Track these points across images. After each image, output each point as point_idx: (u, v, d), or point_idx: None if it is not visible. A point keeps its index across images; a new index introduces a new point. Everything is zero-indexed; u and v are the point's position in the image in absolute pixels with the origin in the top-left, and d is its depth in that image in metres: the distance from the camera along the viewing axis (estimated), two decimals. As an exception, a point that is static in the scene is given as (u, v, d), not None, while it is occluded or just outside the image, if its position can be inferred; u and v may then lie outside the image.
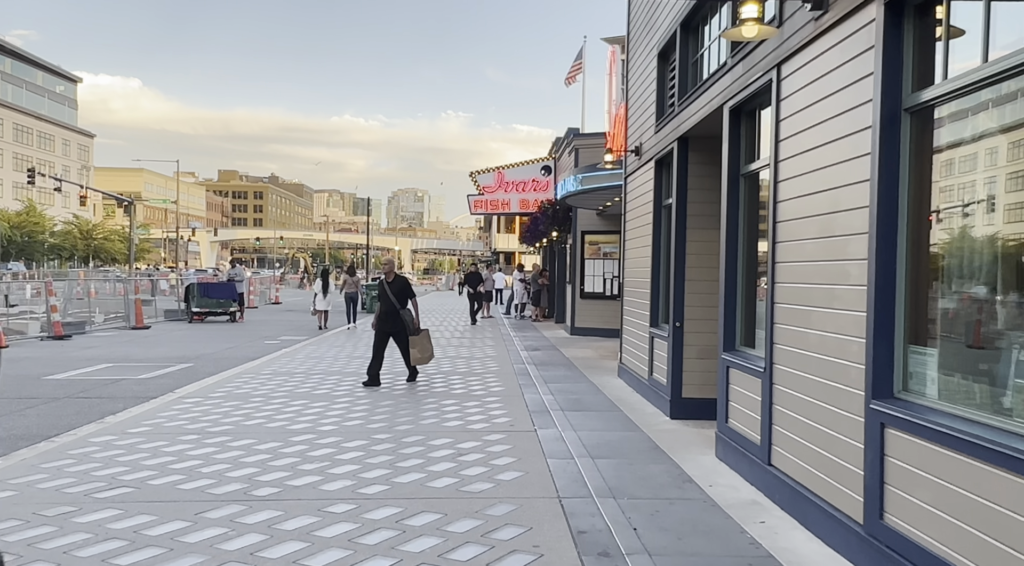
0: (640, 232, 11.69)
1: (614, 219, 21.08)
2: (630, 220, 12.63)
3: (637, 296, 11.82)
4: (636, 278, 11.97)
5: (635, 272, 12.06)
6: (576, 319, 21.79)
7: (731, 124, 7.35)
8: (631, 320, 12.32)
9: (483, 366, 14.72)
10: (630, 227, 12.63)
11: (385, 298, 12.22)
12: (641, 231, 11.63)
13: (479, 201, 28.72)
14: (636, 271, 11.98)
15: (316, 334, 21.84)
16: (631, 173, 12.63)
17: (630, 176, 12.75)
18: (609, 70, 18.53)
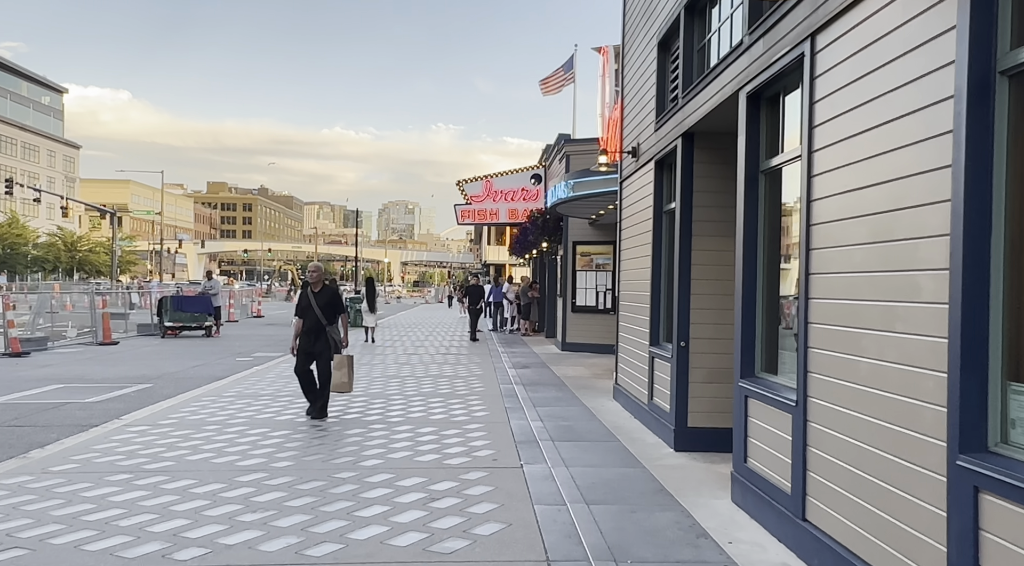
0: (638, 241, 10.62)
1: (607, 229, 20.05)
2: (626, 228, 11.57)
3: (635, 311, 10.74)
4: (633, 291, 10.89)
5: (632, 285, 10.98)
6: (567, 334, 20.69)
7: (749, 113, 6.29)
8: (628, 337, 11.23)
9: (467, 387, 13.60)
10: (626, 236, 11.57)
11: (309, 312, 10.28)
12: (639, 240, 10.56)
13: (467, 211, 27.65)
14: (633, 284, 10.90)
15: (293, 350, 20.70)
16: (627, 177, 11.57)
17: (626, 180, 11.70)
18: (602, 71, 17.52)
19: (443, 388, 13.38)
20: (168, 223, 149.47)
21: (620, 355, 11.91)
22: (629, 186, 11.45)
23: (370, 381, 14.10)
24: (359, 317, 28.00)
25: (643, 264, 10.23)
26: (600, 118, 17.77)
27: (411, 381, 14.18)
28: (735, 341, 6.45)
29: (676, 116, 8.64)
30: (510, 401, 11.90)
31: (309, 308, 10.29)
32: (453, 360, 18.34)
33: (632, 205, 11.14)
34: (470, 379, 14.65)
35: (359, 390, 12.84)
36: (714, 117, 7.60)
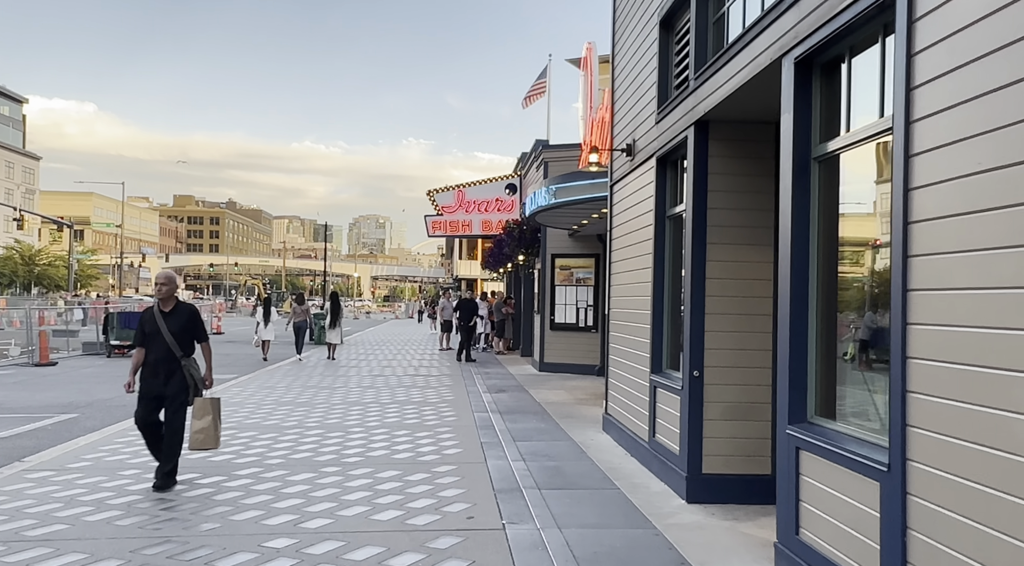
0: (634, 251, 9.23)
1: (588, 241, 18.69)
2: (619, 237, 10.18)
3: (630, 332, 9.33)
4: (628, 309, 9.49)
5: (627, 302, 9.58)
6: (545, 353, 19.26)
7: (798, 85, 4.92)
8: (622, 362, 9.82)
9: (437, 415, 12.10)
10: (619, 245, 10.18)
11: (157, 339, 7.46)
12: (636, 250, 9.17)
13: (437, 222, 26.19)
14: (628, 300, 9.50)
15: (253, 369, 19.03)
16: (619, 180, 10.19)
17: (618, 183, 10.32)
18: (585, 68, 16.22)
19: (410, 417, 11.87)
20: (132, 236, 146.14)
21: (611, 380, 10.50)
22: (621, 190, 10.07)
23: (328, 409, 12.54)
24: (322, 334, 26.47)
25: (641, 278, 8.84)
26: (582, 121, 16.46)
27: (374, 409, 12.66)
28: (778, 374, 5.05)
29: (685, 102, 7.27)
30: (486, 434, 10.42)
31: (157, 334, 7.47)
32: (423, 382, 16.82)
33: (626, 211, 9.76)
34: (441, 406, 13.15)
35: (314, 422, 11.29)
36: (737, 99, 6.24)
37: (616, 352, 10.21)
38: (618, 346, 10.10)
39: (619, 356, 10.00)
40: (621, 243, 10.03)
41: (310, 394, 14.48)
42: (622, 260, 9.95)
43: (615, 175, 10.55)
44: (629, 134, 9.66)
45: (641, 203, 8.99)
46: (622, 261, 9.98)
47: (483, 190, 25.93)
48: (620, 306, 10.07)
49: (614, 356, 10.37)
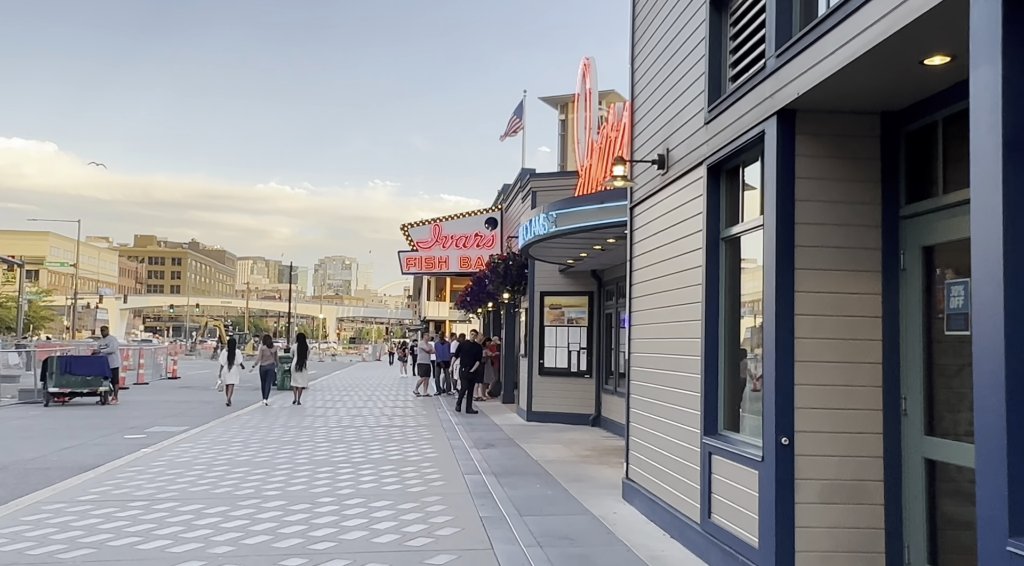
0: (671, 282, 7.58)
1: (581, 277, 17.05)
2: (645, 267, 8.54)
3: (667, 381, 7.62)
4: (663, 353, 7.78)
5: (660, 344, 7.88)
6: (534, 401, 17.46)
7: (1009, 23, 3.30)
8: (651, 417, 8.09)
9: (421, 478, 10.25)
10: (644, 277, 8.53)
11: None
12: (674, 281, 7.51)
13: (412, 259, 24.45)
14: (663, 343, 7.79)
15: (207, 419, 16.97)
16: (644, 199, 8.57)
17: (642, 204, 8.70)
18: (583, 90, 14.71)
19: (390, 481, 10.00)
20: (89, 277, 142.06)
21: (634, 440, 8.75)
22: (648, 211, 8.44)
23: (292, 471, 10.62)
24: (286, 379, 24.49)
25: (683, 314, 7.16)
26: (576, 146, 14.95)
27: (346, 471, 10.76)
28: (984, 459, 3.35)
29: (759, 90, 5.67)
30: (485, 506, 8.60)
31: None
32: (399, 435, 14.93)
33: (656, 235, 8.11)
34: (424, 466, 11.29)
35: (274, 490, 9.38)
36: (849, 77, 4.65)
37: (641, 405, 8.48)
38: (644, 398, 8.38)
39: (647, 410, 8.27)
40: (649, 274, 8.36)
41: (271, 451, 12.54)
42: (651, 294, 8.28)
43: (637, 195, 8.93)
44: (660, 144, 8.05)
45: (681, 224, 7.35)
46: (650, 296, 8.31)
47: (461, 224, 24.29)
48: (647, 349, 8.37)
49: (638, 409, 8.63)
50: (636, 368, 8.81)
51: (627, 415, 9.06)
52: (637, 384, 8.73)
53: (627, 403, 9.09)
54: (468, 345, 19.71)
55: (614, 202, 10.53)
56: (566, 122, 46.41)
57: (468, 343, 19.90)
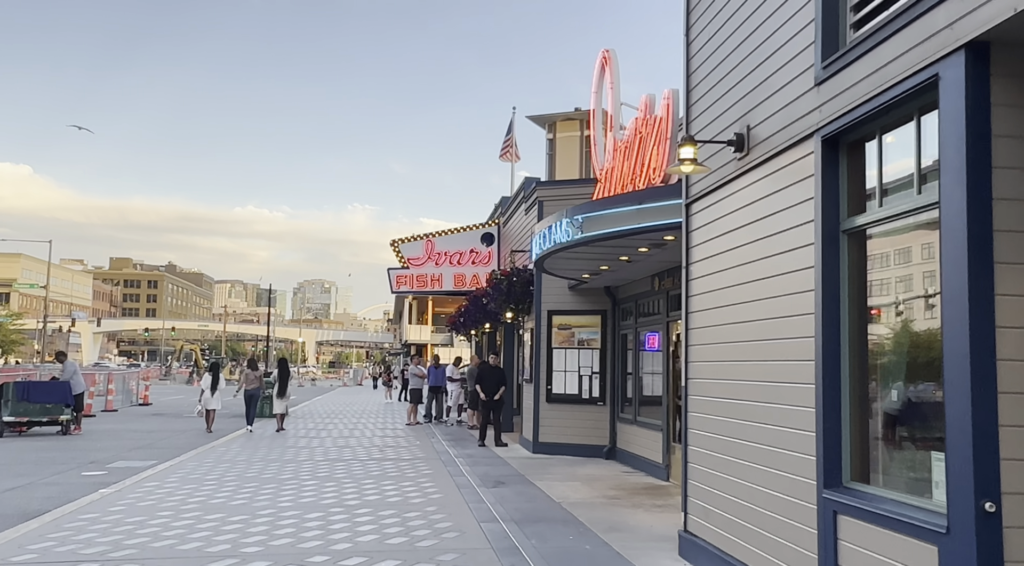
0: (759, 291, 6.07)
1: (593, 295, 15.54)
2: (711, 275, 7.04)
3: (760, 415, 6.06)
4: (753, 379, 6.22)
5: (748, 368, 6.33)
6: (540, 431, 15.84)
7: None
8: (733, 460, 6.52)
9: (429, 527, 8.63)
10: (710, 286, 7.04)
11: None
12: (761, 289, 6.01)
13: (403, 277, 22.85)
14: (752, 367, 6.25)
15: (179, 451, 15.20)
16: (711, 191, 7.08)
17: (704, 196, 7.21)
18: (599, 80, 13.27)
19: (393, 532, 8.35)
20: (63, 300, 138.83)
21: (697, 484, 7.18)
22: (717, 205, 6.94)
23: (275, 519, 8.95)
24: (267, 407, 22.82)
25: (785, 330, 5.64)
26: (594, 148, 13.51)
27: (340, 517, 9.10)
28: None
29: (921, 24, 4.20)
30: (512, 563, 6.99)
31: None
32: (394, 469, 13.26)
33: (730, 235, 6.61)
34: (429, 510, 9.66)
35: (254, 545, 7.70)
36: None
37: (709, 443, 6.93)
38: (714, 434, 6.83)
39: (718, 449, 6.72)
40: (718, 282, 6.85)
41: (250, 491, 10.85)
42: (721, 307, 6.76)
43: (696, 188, 7.44)
44: (734, 122, 6.57)
45: (774, 217, 5.85)
46: (720, 309, 6.79)
47: (455, 240, 22.76)
48: (717, 374, 6.83)
49: (702, 448, 7.08)
50: (698, 397, 7.26)
51: (684, 454, 7.50)
52: (700, 416, 7.18)
53: (684, 440, 7.54)
54: (488, 369, 17.69)
55: (656, 202, 9.04)
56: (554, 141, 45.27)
57: (488, 367, 17.82)
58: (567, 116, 43.10)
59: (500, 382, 17.15)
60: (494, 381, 17.09)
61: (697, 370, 7.33)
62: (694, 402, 7.37)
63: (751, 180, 6.27)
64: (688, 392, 7.51)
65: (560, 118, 43.00)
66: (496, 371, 17.29)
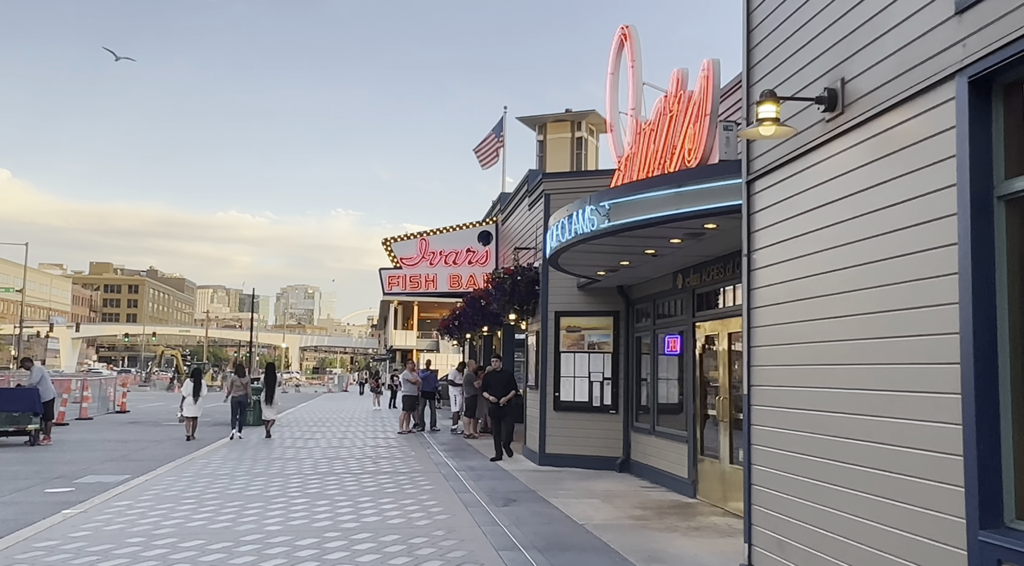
0: (864, 278, 4.96)
1: (604, 295, 14.42)
2: (780, 265, 5.95)
3: (866, 431, 4.93)
4: (860, 386, 5.10)
5: (847, 374, 5.20)
6: (547, 441, 14.68)
7: None
8: (830, 487, 5.39)
9: (441, 557, 7.46)
10: (780, 276, 5.95)
11: None
12: (866, 276, 4.91)
13: (395, 277, 21.65)
14: (855, 372, 5.12)
15: (158, 463, 13.93)
16: (784, 162, 5.97)
17: (776, 169, 6.11)
18: (616, 60, 12.17)
19: None
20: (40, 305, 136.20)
21: (765, 511, 6.06)
22: (795, 178, 5.84)
23: (262, 548, 7.75)
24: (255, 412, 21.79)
25: (912, 326, 4.52)
26: (611, 134, 12.42)
27: (337, 544, 7.92)
28: None
29: None
30: (554, 611, 5.85)
31: None
32: (391, 485, 12.08)
33: (815, 212, 5.51)
34: (436, 534, 8.49)
35: None
36: None
37: (786, 463, 5.80)
38: (792, 452, 5.71)
39: (797, 469, 5.60)
40: (797, 270, 5.74)
41: (233, 511, 9.65)
42: (803, 301, 5.65)
43: (763, 163, 6.33)
44: (822, 75, 5.47)
45: (885, 187, 4.75)
46: (800, 303, 5.68)
47: (451, 239, 21.59)
48: (795, 381, 5.72)
49: (771, 466, 5.96)
50: (766, 407, 6.15)
51: (747, 475, 6.37)
52: (769, 431, 6.06)
53: (746, 458, 6.42)
54: (495, 374, 16.13)
55: (699, 184, 7.93)
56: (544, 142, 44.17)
57: (494, 373, 16.18)
58: (558, 117, 42.20)
59: (509, 386, 15.84)
60: (501, 385, 15.81)
61: (765, 376, 6.21)
62: (760, 413, 6.25)
63: (848, 144, 5.17)
64: (751, 402, 6.39)
65: (551, 119, 42.08)
66: (503, 374, 15.98)
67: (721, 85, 9.08)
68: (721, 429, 10.45)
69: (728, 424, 10.25)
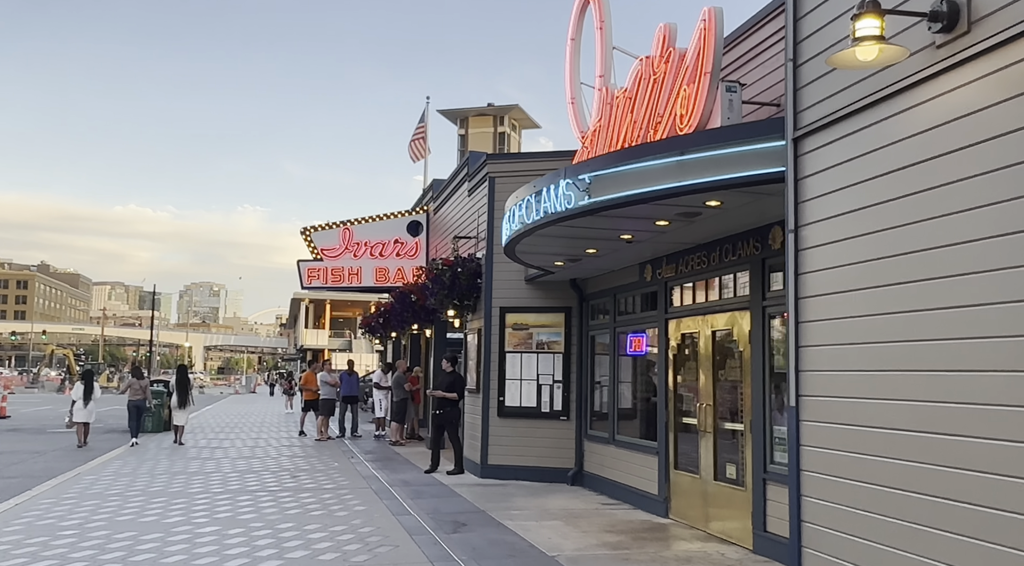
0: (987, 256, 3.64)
1: (555, 289, 13.05)
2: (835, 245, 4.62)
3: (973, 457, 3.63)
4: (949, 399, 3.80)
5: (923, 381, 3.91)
6: (490, 451, 13.19)
7: None
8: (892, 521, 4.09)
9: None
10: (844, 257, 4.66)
11: None
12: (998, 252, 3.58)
13: (316, 270, 19.76)
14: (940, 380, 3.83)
15: (35, 480, 11.79)
16: (863, 106, 4.65)
17: (848, 118, 4.78)
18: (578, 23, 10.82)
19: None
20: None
21: (818, 553, 4.73)
22: (876, 129, 4.52)
23: None
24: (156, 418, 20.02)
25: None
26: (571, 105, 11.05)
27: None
28: None
29: None
30: None
31: None
32: (316, 505, 10.39)
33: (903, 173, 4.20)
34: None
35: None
36: None
37: (845, 494, 4.48)
38: (864, 482, 4.40)
39: (871, 504, 4.29)
40: (871, 249, 4.43)
41: (122, 549, 7.82)
42: (876, 289, 4.34)
43: (818, 113, 5.01)
44: (924, -8, 4.17)
45: None
46: (876, 291, 4.37)
47: (377, 229, 19.86)
48: (870, 391, 4.41)
49: (832, 499, 4.65)
50: (822, 424, 4.83)
51: (795, 508, 5.04)
52: (827, 454, 4.74)
53: (794, 490, 5.08)
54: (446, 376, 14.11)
55: (706, 151, 6.59)
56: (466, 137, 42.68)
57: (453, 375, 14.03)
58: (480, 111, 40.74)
59: (452, 387, 14.01)
60: (446, 387, 14.05)
61: (820, 384, 4.89)
62: (814, 432, 4.93)
63: (969, 77, 3.89)
64: (800, 417, 5.06)
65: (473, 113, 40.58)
66: (450, 376, 14.19)
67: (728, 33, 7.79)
68: (703, 440, 9.17)
69: (712, 435, 8.98)
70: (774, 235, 7.87)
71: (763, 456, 7.92)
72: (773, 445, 7.85)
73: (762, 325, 8.07)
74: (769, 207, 7.32)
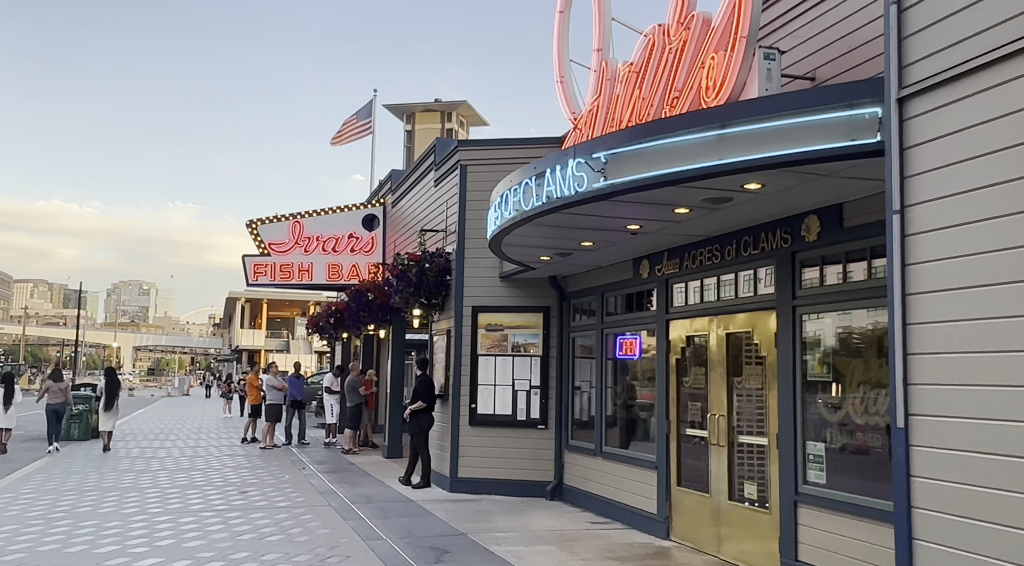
0: None
1: (530, 287, 12.04)
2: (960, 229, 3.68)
3: None
4: None
5: None
6: (461, 462, 12.08)
7: None
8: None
9: None
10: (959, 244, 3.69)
11: None
12: None
13: (262, 266, 18.35)
14: None
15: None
16: (1009, 54, 3.71)
17: (975, 72, 3.85)
18: None
19: None
20: None
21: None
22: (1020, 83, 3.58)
23: None
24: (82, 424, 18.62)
25: None
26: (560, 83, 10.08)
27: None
28: None
29: None
30: None
31: None
32: (271, 526, 9.16)
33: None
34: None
35: None
36: None
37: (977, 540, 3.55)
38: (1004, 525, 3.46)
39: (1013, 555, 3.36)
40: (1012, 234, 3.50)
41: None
42: None
43: (929, 69, 4.09)
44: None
45: None
46: None
47: (330, 222, 18.55)
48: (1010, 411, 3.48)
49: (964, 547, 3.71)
50: (944, 451, 3.88)
51: (907, 555, 4.09)
52: (956, 489, 3.80)
53: (904, 530, 4.13)
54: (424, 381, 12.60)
55: (754, 123, 5.62)
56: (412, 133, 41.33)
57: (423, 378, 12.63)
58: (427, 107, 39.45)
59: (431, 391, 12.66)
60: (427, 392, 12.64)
61: (943, 401, 3.95)
62: (931, 460, 3.99)
63: None
64: (910, 441, 4.11)
65: (420, 109, 39.26)
66: (419, 380, 12.88)
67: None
68: (714, 455, 8.24)
69: (726, 449, 8.05)
70: (808, 225, 6.99)
71: (793, 475, 7.02)
72: (807, 462, 6.95)
73: (792, 326, 7.17)
74: (809, 193, 6.44)
